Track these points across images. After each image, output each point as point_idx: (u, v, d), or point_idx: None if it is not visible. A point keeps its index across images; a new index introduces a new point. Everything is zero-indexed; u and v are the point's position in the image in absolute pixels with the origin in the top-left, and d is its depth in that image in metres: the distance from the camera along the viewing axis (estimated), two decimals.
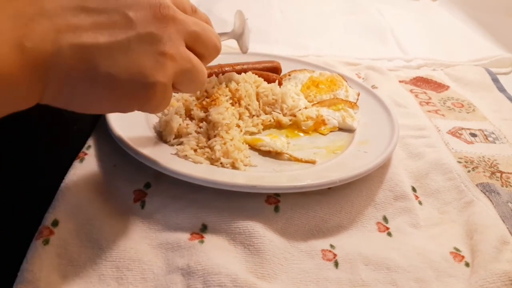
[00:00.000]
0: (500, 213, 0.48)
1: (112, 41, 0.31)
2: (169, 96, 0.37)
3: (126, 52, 0.32)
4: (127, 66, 0.32)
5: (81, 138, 0.51)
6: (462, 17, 1.20)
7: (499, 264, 0.41)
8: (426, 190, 0.52)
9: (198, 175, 0.44)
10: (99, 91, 0.32)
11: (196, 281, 0.37)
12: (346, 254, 0.42)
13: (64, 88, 0.31)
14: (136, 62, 0.32)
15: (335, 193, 0.48)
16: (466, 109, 0.72)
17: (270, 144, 0.52)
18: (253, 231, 0.42)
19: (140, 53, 0.33)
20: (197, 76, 0.38)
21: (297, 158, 0.52)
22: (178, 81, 0.37)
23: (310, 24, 1.10)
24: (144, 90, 0.34)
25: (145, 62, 0.33)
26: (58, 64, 0.29)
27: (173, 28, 0.35)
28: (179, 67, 0.36)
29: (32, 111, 0.43)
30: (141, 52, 0.33)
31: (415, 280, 0.40)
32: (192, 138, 0.51)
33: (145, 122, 0.55)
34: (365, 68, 0.84)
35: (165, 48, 0.34)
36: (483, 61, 0.92)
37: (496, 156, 0.59)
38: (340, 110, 0.61)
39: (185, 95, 0.59)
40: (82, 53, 0.30)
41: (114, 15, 0.32)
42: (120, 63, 0.32)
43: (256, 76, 0.62)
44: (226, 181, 0.43)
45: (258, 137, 0.55)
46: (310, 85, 0.66)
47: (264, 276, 0.39)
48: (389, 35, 1.04)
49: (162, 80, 0.34)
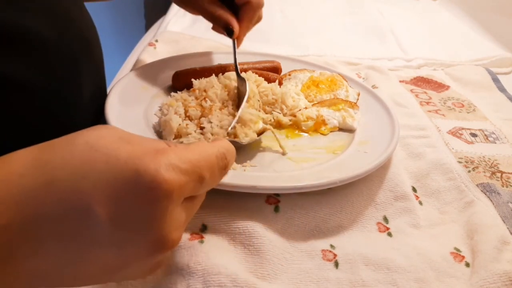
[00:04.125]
0: (500, 213, 0.48)
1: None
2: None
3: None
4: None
5: None
6: (463, 17, 1.20)
7: (499, 264, 0.41)
8: (426, 190, 0.52)
9: None
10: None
11: (196, 281, 0.37)
12: (346, 254, 0.42)
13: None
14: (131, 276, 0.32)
15: (335, 193, 0.48)
16: (467, 109, 0.71)
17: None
18: (253, 231, 0.42)
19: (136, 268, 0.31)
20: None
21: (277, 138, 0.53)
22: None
23: (310, 24, 1.10)
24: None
25: (140, 273, 0.32)
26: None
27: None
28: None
29: (31, 116, 0.44)
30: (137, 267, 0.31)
31: (415, 280, 0.40)
32: (192, 138, 0.51)
33: (145, 122, 0.55)
34: (365, 68, 0.84)
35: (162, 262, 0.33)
36: (483, 61, 0.92)
37: (496, 156, 0.59)
38: (340, 110, 0.61)
39: (184, 95, 0.59)
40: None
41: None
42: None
43: (256, 76, 0.62)
44: (226, 181, 0.43)
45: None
46: (310, 85, 0.66)
47: (264, 276, 0.39)
48: (389, 35, 1.04)
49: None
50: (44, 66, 0.44)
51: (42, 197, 0.26)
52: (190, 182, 0.29)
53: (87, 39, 0.52)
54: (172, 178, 0.28)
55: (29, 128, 0.43)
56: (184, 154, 0.30)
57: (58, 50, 0.46)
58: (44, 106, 0.45)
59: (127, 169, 0.27)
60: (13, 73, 0.40)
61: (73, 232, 0.27)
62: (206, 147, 0.32)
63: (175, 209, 0.29)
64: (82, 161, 0.27)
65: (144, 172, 0.27)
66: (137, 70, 0.65)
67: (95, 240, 0.27)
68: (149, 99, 0.60)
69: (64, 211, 0.26)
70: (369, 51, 0.95)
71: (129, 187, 0.27)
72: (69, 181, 0.26)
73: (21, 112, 0.43)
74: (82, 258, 0.27)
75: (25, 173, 0.27)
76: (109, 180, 0.27)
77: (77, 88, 0.50)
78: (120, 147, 0.28)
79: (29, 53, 0.42)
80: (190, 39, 0.88)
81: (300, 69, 0.69)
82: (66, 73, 0.47)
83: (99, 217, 0.26)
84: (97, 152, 0.27)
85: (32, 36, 0.42)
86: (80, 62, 0.50)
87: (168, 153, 0.29)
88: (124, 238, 0.28)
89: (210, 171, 0.31)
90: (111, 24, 1.75)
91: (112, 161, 0.27)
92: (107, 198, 0.26)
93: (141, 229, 0.28)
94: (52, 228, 0.26)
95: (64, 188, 0.26)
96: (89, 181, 0.27)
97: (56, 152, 0.28)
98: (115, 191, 0.27)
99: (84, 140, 0.28)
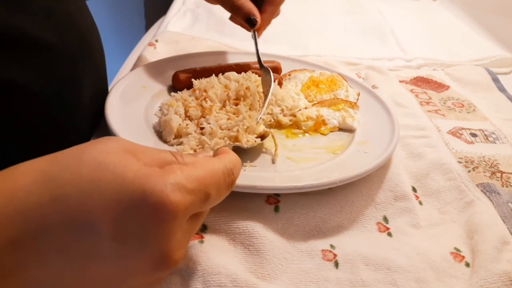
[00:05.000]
0: (500, 213, 0.48)
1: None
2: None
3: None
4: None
5: (82, 139, 0.51)
6: (463, 17, 1.20)
7: (499, 264, 0.41)
8: (426, 190, 0.52)
9: None
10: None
11: (196, 281, 0.37)
12: (346, 254, 0.42)
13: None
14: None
15: (335, 193, 0.48)
16: (467, 109, 0.71)
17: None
18: (253, 231, 0.42)
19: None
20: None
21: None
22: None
23: (310, 24, 1.10)
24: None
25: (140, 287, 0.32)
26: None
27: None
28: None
29: (31, 118, 0.44)
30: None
31: (415, 280, 0.40)
32: (192, 138, 0.51)
33: (145, 122, 0.55)
34: (365, 68, 0.84)
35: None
36: (483, 61, 0.92)
37: (496, 156, 0.59)
38: (340, 110, 0.61)
39: (185, 95, 0.59)
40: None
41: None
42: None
43: (256, 76, 0.62)
44: None
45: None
46: (310, 85, 0.66)
47: (264, 276, 0.39)
48: (389, 35, 1.04)
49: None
50: (44, 69, 0.44)
51: (48, 213, 0.26)
52: (196, 201, 0.29)
53: (87, 40, 0.52)
54: (178, 199, 0.28)
55: (29, 129, 0.43)
56: (190, 172, 0.30)
57: (58, 52, 0.45)
58: (44, 108, 0.45)
59: (134, 189, 0.27)
60: (13, 77, 0.40)
61: (75, 246, 0.27)
62: (213, 163, 0.32)
63: (179, 228, 0.29)
64: (89, 179, 0.27)
65: (151, 193, 0.27)
66: (137, 70, 0.65)
67: (99, 256, 0.27)
68: (149, 99, 0.60)
69: (67, 225, 0.26)
70: (369, 51, 0.95)
71: (135, 207, 0.27)
72: (74, 197, 0.27)
73: (21, 114, 0.42)
74: (84, 272, 0.28)
75: (32, 188, 0.27)
76: (115, 199, 0.27)
77: (77, 90, 0.50)
78: (128, 165, 0.28)
79: (29, 57, 0.42)
80: (190, 39, 0.88)
81: (300, 69, 0.69)
82: (66, 75, 0.47)
83: (104, 235, 0.27)
84: (104, 171, 0.27)
85: (31, 39, 0.42)
86: (81, 63, 0.50)
87: (175, 172, 0.29)
88: (127, 255, 0.28)
89: (217, 189, 0.31)
90: (111, 24, 1.75)
91: (119, 181, 0.27)
92: (113, 216, 0.27)
93: (144, 247, 0.28)
94: (57, 243, 0.27)
95: (70, 206, 0.27)
96: (95, 198, 0.27)
97: (63, 168, 0.28)
98: (121, 210, 0.27)
99: (91, 156, 0.28)
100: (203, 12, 1.09)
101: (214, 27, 1.01)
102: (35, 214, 0.26)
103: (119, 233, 0.27)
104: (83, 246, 0.27)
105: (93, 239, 0.27)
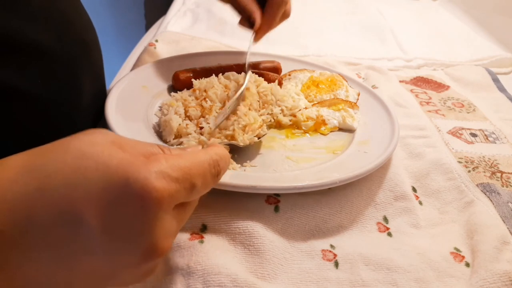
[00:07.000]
0: (500, 213, 0.48)
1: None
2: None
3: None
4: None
5: None
6: (463, 17, 1.20)
7: (499, 264, 0.41)
8: (426, 190, 0.52)
9: None
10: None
11: (196, 281, 0.37)
12: (346, 254, 0.42)
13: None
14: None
15: (335, 193, 0.48)
16: (467, 109, 0.71)
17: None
18: (253, 231, 0.42)
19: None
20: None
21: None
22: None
23: (310, 23, 1.10)
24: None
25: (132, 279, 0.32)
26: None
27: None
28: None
29: (31, 120, 0.44)
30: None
31: (415, 280, 0.40)
32: (192, 138, 0.51)
33: (145, 122, 0.55)
34: (365, 68, 0.84)
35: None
36: (483, 61, 0.92)
37: (496, 156, 0.59)
38: (340, 110, 0.61)
39: (185, 95, 0.59)
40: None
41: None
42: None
43: (256, 76, 0.62)
44: (226, 181, 0.43)
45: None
46: (310, 85, 0.66)
47: (264, 276, 0.39)
48: (389, 35, 1.04)
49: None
50: (42, 72, 0.44)
51: (33, 203, 0.26)
52: (181, 190, 0.29)
53: (85, 42, 0.52)
54: (162, 186, 0.28)
55: (29, 132, 0.43)
56: (175, 161, 0.30)
57: (57, 55, 0.45)
58: (43, 110, 0.45)
59: (117, 177, 0.27)
60: (11, 80, 0.40)
61: (64, 240, 0.27)
62: (199, 154, 0.32)
63: (165, 216, 0.29)
64: (73, 168, 0.27)
65: (134, 180, 0.27)
66: (137, 70, 0.65)
67: (87, 248, 0.27)
68: (149, 99, 0.60)
69: (55, 219, 0.26)
70: (369, 51, 0.95)
71: (119, 195, 0.27)
72: (60, 188, 0.26)
73: (21, 117, 0.42)
74: (75, 266, 0.28)
75: (17, 178, 0.27)
76: (100, 188, 0.27)
77: (76, 91, 0.50)
78: (112, 154, 0.28)
79: (27, 60, 0.42)
80: (190, 39, 0.88)
81: (300, 69, 0.69)
82: (65, 77, 0.47)
83: (90, 225, 0.26)
84: (88, 159, 0.27)
85: (29, 42, 0.42)
86: (79, 65, 0.50)
87: (159, 160, 0.29)
88: (115, 246, 0.28)
89: (202, 179, 0.31)
90: (111, 24, 1.75)
91: (103, 169, 0.27)
92: (98, 206, 0.26)
93: (131, 237, 0.28)
94: (44, 236, 0.26)
95: (55, 196, 0.26)
96: (80, 189, 0.27)
97: (48, 158, 0.28)
98: (105, 200, 0.27)
99: (76, 146, 0.28)
100: (203, 12, 1.09)
101: (214, 27, 1.02)
102: (21, 204, 0.26)
103: (105, 224, 0.27)
104: (71, 239, 0.27)
105: (80, 231, 0.27)
